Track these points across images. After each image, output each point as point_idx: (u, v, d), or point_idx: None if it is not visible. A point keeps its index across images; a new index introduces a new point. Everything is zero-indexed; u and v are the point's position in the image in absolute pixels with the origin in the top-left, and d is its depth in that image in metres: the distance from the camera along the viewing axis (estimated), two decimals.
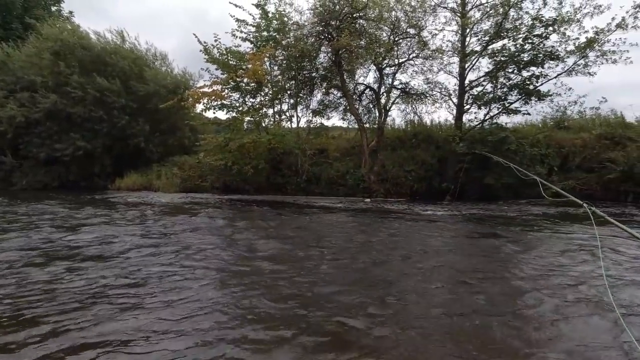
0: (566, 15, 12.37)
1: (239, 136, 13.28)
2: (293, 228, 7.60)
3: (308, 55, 13.95)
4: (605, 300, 3.37)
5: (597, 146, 12.89)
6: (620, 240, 5.94)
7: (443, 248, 5.88)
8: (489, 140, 12.31)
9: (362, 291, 3.74)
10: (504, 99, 13.34)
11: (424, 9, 13.45)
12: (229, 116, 14.40)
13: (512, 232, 7.13)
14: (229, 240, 6.25)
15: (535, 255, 5.29)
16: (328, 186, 14.39)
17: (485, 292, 3.74)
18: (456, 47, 13.68)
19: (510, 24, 12.97)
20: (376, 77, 14.69)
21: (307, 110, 15.70)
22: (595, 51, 12.27)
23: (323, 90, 15.43)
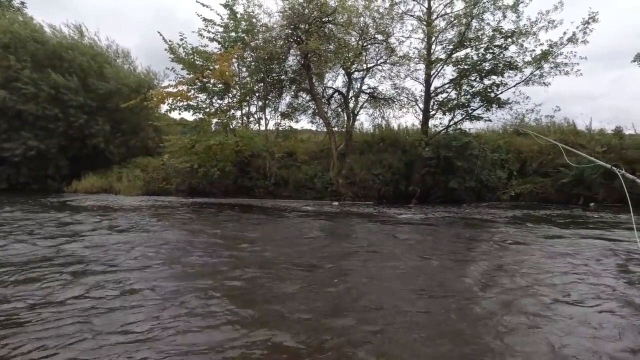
0: (523, 28, 13.03)
1: (205, 138, 12.95)
2: (259, 231, 7.46)
3: (277, 57, 13.86)
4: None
5: (552, 152, 13.61)
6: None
7: (409, 250, 5.95)
8: (454, 145, 12.70)
9: (326, 293, 3.70)
10: (467, 106, 13.86)
11: (392, 16, 13.73)
12: (195, 117, 14.04)
13: (477, 233, 7.35)
14: (190, 245, 6.03)
15: (494, 255, 5.48)
16: (296, 189, 14.32)
17: (452, 289, 3.81)
18: (422, 55, 14.06)
19: (473, 34, 13.51)
20: (345, 81, 14.84)
21: (275, 112, 15.59)
22: (549, 63, 12.99)
23: (292, 93, 15.39)
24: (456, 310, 3.35)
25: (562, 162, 13.02)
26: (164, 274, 4.34)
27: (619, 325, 2.99)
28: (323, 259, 5.21)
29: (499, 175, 13.12)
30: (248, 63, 14.85)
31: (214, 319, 3.04)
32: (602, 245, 6.03)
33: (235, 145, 13.09)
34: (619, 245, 5.98)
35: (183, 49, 13.32)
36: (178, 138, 13.50)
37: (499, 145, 13.88)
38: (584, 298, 3.64)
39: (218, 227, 7.82)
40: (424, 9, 14.36)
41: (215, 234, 6.98)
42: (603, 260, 5.12)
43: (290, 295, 3.67)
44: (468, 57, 13.57)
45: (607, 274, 4.48)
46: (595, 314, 3.24)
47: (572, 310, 3.31)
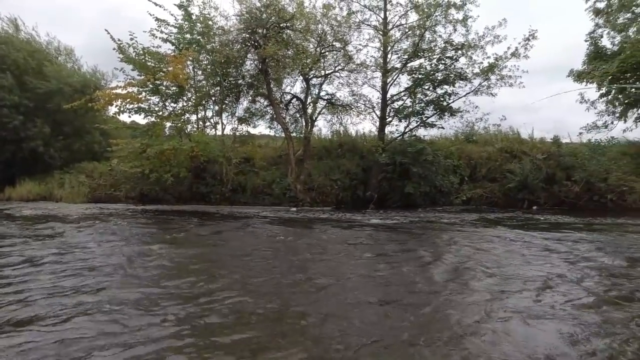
0: (472, 41, 13.77)
1: (158, 142, 12.34)
2: (214, 239, 7.19)
3: (234, 61, 13.56)
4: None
5: (499, 159, 14.46)
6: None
7: (368, 255, 5.98)
8: (409, 151, 13.08)
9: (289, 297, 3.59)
10: (421, 113, 14.40)
11: (349, 24, 13.95)
12: (147, 121, 13.36)
13: (436, 237, 7.55)
14: (137, 254, 5.67)
15: (449, 255, 5.65)
16: (254, 195, 14.05)
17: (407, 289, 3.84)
18: (379, 63, 14.39)
19: (426, 45, 14.07)
20: (303, 87, 14.84)
21: (232, 117, 15.23)
22: (495, 75, 13.82)
23: (249, 98, 15.13)
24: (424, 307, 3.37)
25: (509, 167, 13.89)
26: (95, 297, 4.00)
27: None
28: (282, 269, 5.09)
29: (451, 181, 13.67)
30: (204, 66, 14.40)
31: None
32: (551, 243, 6.43)
33: (190, 151, 12.60)
34: (563, 242, 6.41)
35: (133, 49, 12.64)
36: (128, 142, 12.76)
37: (452, 152, 14.50)
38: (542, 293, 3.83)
39: (169, 235, 7.43)
40: (380, 19, 14.77)
41: (165, 243, 6.62)
42: (553, 257, 5.45)
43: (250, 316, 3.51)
44: (422, 67, 14.12)
45: (561, 269, 4.75)
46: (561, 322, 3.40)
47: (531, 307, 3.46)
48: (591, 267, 5.10)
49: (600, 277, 4.68)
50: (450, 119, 14.41)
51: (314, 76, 14.41)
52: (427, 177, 13.05)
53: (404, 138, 14.39)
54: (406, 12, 14.27)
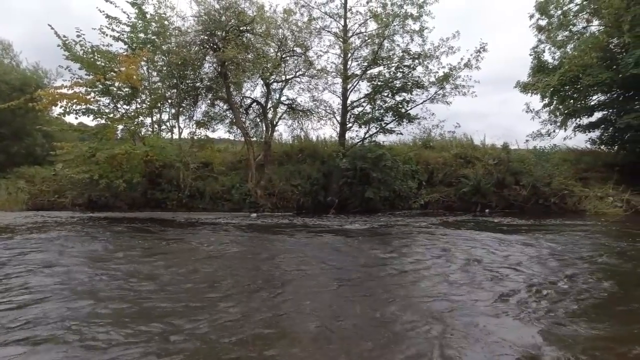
0: (428, 51, 14.31)
1: (108, 146, 11.68)
2: (167, 247, 6.84)
3: (191, 63, 13.16)
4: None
5: (454, 164, 15.06)
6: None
7: (330, 260, 5.94)
8: (369, 157, 13.28)
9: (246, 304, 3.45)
10: (381, 120, 14.72)
11: (310, 30, 14.03)
12: (97, 123, 12.61)
13: (397, 240, 7.65)
14: (81, 266, 5.26)
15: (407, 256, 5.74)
16: (213, 201, 13.63)
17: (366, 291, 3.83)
18: (339, 69, 14.57)
19: (385, 54, 14.44)
20: (263, 91, 14.67)
21: (190, 121, 14.73)
22: (450, 84, 14.43)
23: (208, 102, 14.71)
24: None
25: (463, 172, 14.49)
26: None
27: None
28: (241, 278, 4.92)
29: (410, 186, 14.02)
30: (159, 67, 13.85)
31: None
32: (505, 241, 6.73)
33: (144, 155, 12.02)
34: (508, 242, 6.74)
35: (81, 47, 11.91)
36: (74, 145, 11.96)
37: (410, 157, 14.90)
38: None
39: (116, 244, 6.98)
40: (340, 27, 14.98)
41: (111, 253, 6.20)
42: (511, 252, 5.69)
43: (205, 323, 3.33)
44: (381, 74, 14.46)
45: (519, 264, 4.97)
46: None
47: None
48: (537, 261, 5.42)
49: (545, 271, 4.96)
50: (409, 125, 14.86)
51: (274, 81, 14.31)
52: (387, 182, 13.30)
53: (364, 143, 14.63)
54: (365, 21, 14.59)
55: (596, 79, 14.94)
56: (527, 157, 14.80)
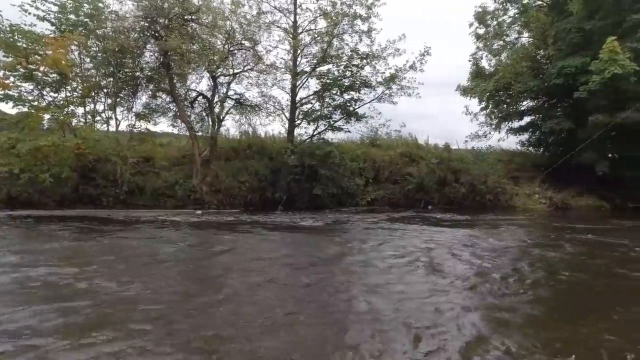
0: (376, 52, 14.68)
1: (32, 137, 10.60)
2: (91, 249, 6.31)
3: (130, 51, 12.31)
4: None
5: (400, 162, 15.57)
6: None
7: (276, 256, 5.83)
8: (317, 154, 13.32)
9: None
10: (329, 117, 14.86)
11: (259, 24, 13.74)
12: (18, 111, 11.39)
13: (346, 235, 7.70)
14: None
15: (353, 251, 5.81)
16: (154, 198, 12.87)
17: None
18: (288, 66, 14.46)
19: (334, 52, 14.59)
20: (210, 85, 14.08)
21: (129, 113, 13.77)
22: (396, 85, 14.93)
23: (149, 93, 13.83)
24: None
25: (408, 171, 15.03)
26: None
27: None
28: (179, 282, 4.65)
29: (357, 183, 14.27)
30: (93, 53, 12.83)
31: None
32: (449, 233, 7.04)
33: (75, 148, 11.06)
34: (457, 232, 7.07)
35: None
36: None
37: (358, 155, 15.16)
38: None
39: (29, 246, 6.32)
40: (290, 22, 14.91)
41: (19, 256, 5.61)
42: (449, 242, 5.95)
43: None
44: (330, 72, 14.60)
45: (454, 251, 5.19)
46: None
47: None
48: (475, 252, 5.75)
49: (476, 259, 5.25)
50: (356, 123, 15.17)
51: (221, 74, 13.82)
52: (335, 179, 13.43)
53: (313, 141, 14.67)
54: (315, 18, 14.66)
55: (525, 87, 16.26)
56: (466, 157, 15.73)
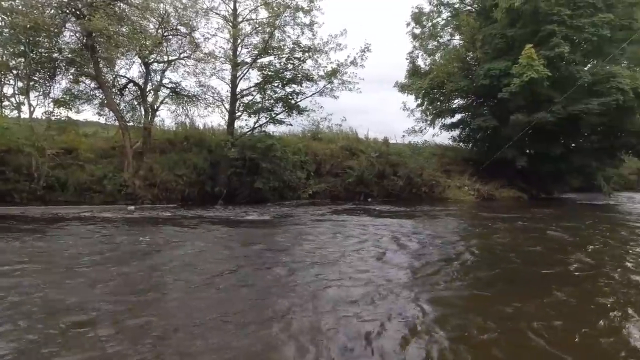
0: (318, 46, 14.70)
1: None
2: (12, 249, 5.63)
3: (46, 29, 11.02)
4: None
5: (341, 156, 15.84)
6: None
7: (208, 252, 5.61)
8: (259, 147, 13.07)
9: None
10: (271, 110, 14.63)
11: (196, 10, 13.05)
12: None
13: (285, 227, 7.62)
14: None
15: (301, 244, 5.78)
16: (78, 193, 11.75)
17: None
18: (228, 55, 13.96)
19: (276, 44, 14.35)
20: (142, 71, 13.08)
21: (45, 98, 12.34)
22: (338, 79, 15.10)
23: (70, 77, 12.53)
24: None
25: (349, 164, 15.34)
26: None
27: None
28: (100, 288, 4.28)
29: (299, 176, 14.26)
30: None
31: None
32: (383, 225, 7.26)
33: None
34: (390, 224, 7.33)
35: None
36: None
37: (299, 148, 15.14)
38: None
39: None
40: (229, 10, 14.38)
41: None
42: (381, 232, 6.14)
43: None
44: (272, 64, 14.36)
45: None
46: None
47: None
48: (414, 239, 6.05)
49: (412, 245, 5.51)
50: (298, 116, 15.12)
51: (155, 61, 12.94)
52: (276, 173, 13.30)
53: (254, 133, 14.37)
54: (256, 8, 14.25)
55: (457, 86, 17.36)
56: (404, 151, 16.44)
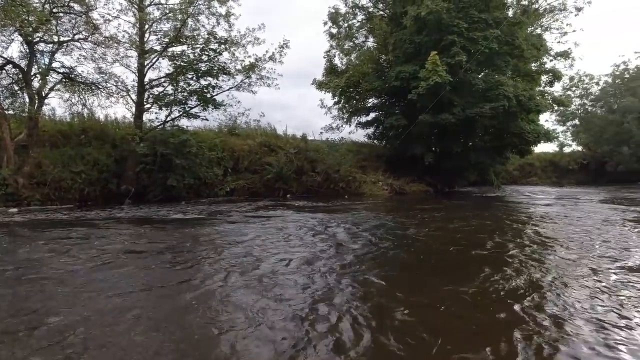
0: (235, 38, 14.26)
1: None
2: None
3: None
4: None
5: (259, 152, 15.60)
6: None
7: (116, 258, 5.06)
8: (171, 142, 12.24)
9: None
10: (184, 103, 13.82)
11: None
12: None
13: (199, 228, 7.20)
14: None
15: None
16: None
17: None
18: (134, 41, 12.77)
19: (189, 33, 13.56)
20: (24, 51, 11.26)
21: None
22: (256, 74, 14.84)
23: None
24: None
25: (267, 160, 15.18)
26: None
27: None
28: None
29: (216, 173, 13.69)
30: None
31: None
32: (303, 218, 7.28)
33: None
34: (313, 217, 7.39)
35: None
36: None
37: (216, 144, 14.54)
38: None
39: None
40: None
41: None
42: (305, 226, 6.14)
43: None
44: (185, 54, 13.53)
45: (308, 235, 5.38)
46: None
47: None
48: (333, 230, 6.14)
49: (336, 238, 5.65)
50: (214, 111, 14.54)
51: (42, 40, 11.25)
52: (191, 169, 12.62)
53: (166, 127, 13.43)
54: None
55: (371, 86, 18.25)
56: (322, 148, 16.77)
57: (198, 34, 13.68)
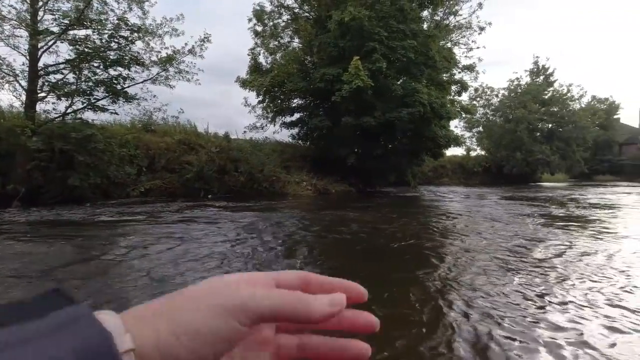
0: (150, 27, 13.23)
1: None
2: None
3: None
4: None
5: (178, 150, 14.65)
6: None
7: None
8: (73, 137, 10.86)
9: None
10: (89, 94, 12.40)
11: None
12: None
13: (102, 234, 6.45)
14: None
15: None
16: None
17: None
18: (24, 19, 11.12)
19: (95, 16, 12.22)
20: None
21: None
22: (174, 67, 13.94)
23: None
24: None
25: (187, 159, 14.35)
26: None
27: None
28: None
29: (128, 172, 12.53)
30: None
31: None
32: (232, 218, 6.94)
33: None
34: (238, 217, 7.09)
35: None
36: None
37: (128, 140, 13.30)
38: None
39: None
40: None
41: None
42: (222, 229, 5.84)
43: None
44: (89, 39, 12.15)
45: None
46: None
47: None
48: (259, 231, 5.95)
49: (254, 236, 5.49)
50: (126, 104, 13.26)
51: None
52: (98, 167, 11.37)
53: (66, 120, 11.91)
54: None
55: (296, 86, 18.30)
56: (245, 147, 16.35)
57: (106, 18, 12.41)
